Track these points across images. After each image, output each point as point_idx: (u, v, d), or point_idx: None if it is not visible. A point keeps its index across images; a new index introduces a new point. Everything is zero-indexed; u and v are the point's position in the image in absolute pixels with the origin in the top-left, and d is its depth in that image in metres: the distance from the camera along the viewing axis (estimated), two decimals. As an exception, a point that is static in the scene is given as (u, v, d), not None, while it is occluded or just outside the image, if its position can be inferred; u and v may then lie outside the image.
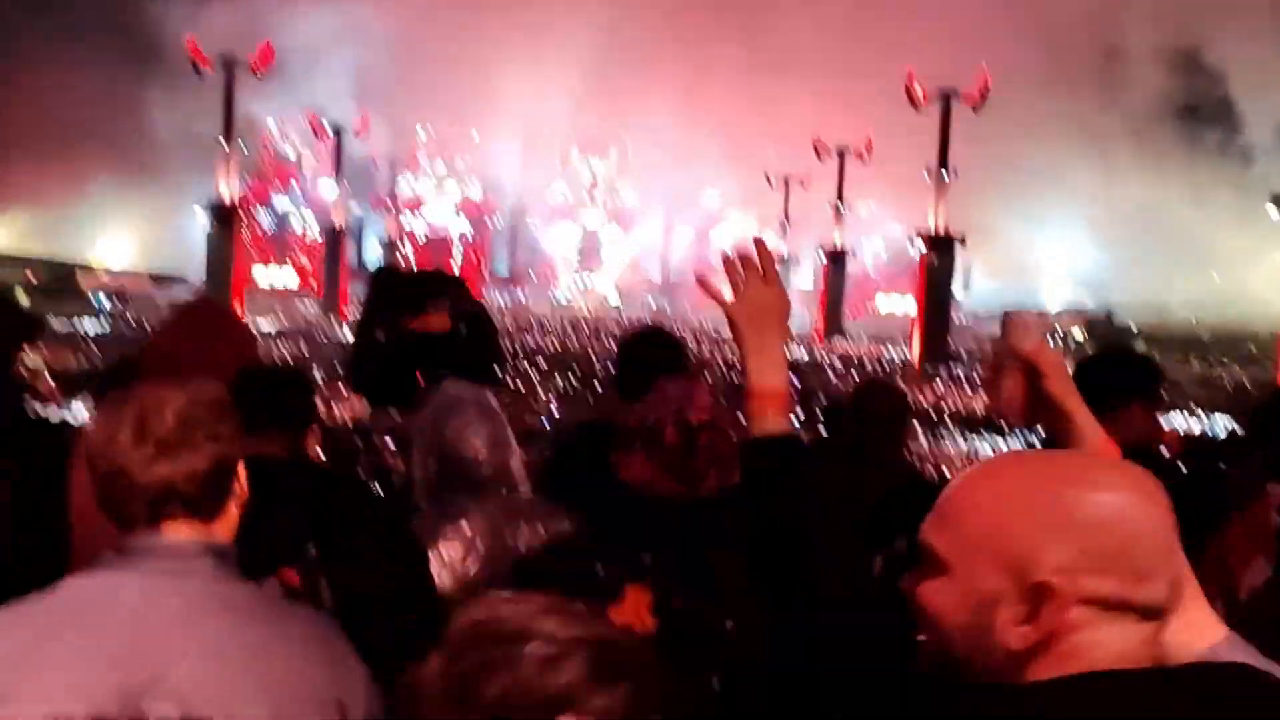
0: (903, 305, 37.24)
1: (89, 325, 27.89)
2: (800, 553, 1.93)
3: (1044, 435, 1.90)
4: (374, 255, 46.54)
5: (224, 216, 28.64)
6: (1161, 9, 49.80)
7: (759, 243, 2.01)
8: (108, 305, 35.50)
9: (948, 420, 16.10)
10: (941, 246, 29.20)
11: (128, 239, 51.22)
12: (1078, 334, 35.22)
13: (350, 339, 5.82)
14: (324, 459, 3.54)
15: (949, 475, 3.54)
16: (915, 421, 11.28)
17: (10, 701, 1.60)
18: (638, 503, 2.15)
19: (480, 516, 2.82)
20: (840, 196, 36.55)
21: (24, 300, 19.19)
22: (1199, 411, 16.70)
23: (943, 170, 29.58)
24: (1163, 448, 3.66)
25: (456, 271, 20.00)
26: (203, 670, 1.61)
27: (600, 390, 16.77)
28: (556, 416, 12.40)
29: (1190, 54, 51.73)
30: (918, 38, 40.45)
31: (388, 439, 6.09)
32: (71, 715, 1.57)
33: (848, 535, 2.93)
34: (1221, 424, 14.24)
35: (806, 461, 1.98)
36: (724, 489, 2.14)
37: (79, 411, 9.09)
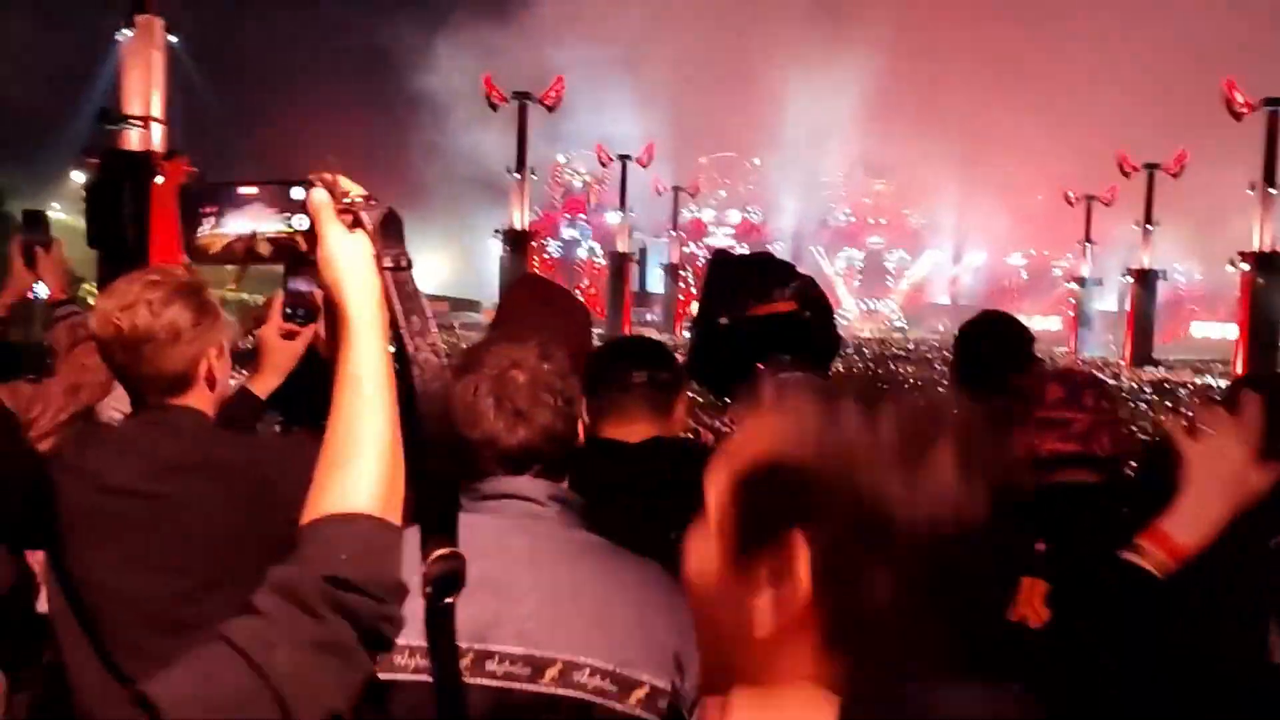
0: (1222, 331, 34.46)
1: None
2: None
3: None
4: (656, 280, 47.36)
5: (517, 243, 29.88)
6: None
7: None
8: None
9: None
10: (1268, 266, 26.79)
11: (426, 266, 54.16)
12: None
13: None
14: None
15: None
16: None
17: None
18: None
19: None
20: (1148, 215, 34.25)
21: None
22: None
23: (1269, 185, 27.24)
24: None
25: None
26: (547, 610, 1.67)
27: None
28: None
29: None
30: (1214, 47, 37.83)
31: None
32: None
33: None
34: None
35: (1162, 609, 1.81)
36: (1119, 455, 2.03)
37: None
